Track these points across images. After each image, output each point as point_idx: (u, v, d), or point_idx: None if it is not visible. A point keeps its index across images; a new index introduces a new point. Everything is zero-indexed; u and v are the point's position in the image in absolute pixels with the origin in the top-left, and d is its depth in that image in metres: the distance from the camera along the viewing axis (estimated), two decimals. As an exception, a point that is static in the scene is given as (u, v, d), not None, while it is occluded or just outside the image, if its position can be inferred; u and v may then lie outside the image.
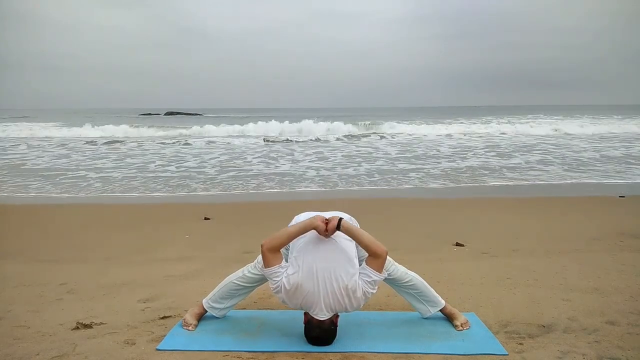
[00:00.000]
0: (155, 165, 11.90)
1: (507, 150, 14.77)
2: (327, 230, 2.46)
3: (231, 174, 10.47)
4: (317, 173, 10.47)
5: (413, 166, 11.40)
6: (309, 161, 12.66)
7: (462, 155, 13.39)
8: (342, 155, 13.79)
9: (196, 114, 62.61)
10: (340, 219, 2.48)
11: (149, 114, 68.07)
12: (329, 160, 12.86)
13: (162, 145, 17.32)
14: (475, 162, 11.94)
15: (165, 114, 63.40)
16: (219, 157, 13.55)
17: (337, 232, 2.49)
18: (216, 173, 10.61)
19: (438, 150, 14.92)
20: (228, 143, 17.84)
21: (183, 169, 11.29)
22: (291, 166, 11.66)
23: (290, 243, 2.56)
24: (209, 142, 18.43)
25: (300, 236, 2.52)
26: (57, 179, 9.76)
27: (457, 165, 11.40)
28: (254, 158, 13.36)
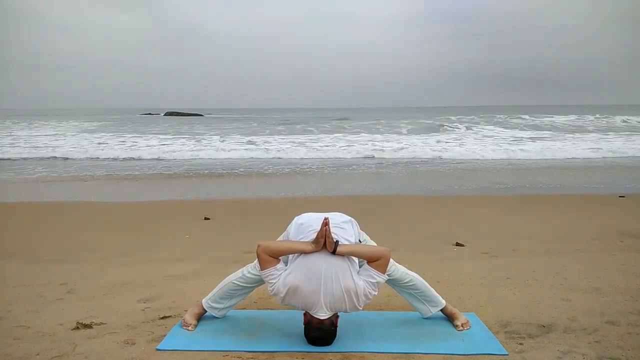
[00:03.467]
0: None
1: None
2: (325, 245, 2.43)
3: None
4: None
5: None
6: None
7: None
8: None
9: (197, 114, 62.48)
10: (336, 244, 2.41)
11: (149, 114, 68.16)
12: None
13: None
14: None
15: (165, 114, 63.33)
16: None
17: (337, 231, 2.48)
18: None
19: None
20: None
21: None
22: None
23: None
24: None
25: (301, 236, 2.52)
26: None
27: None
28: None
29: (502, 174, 10.62)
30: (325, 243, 2.39)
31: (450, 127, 26.50)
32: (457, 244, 4.70)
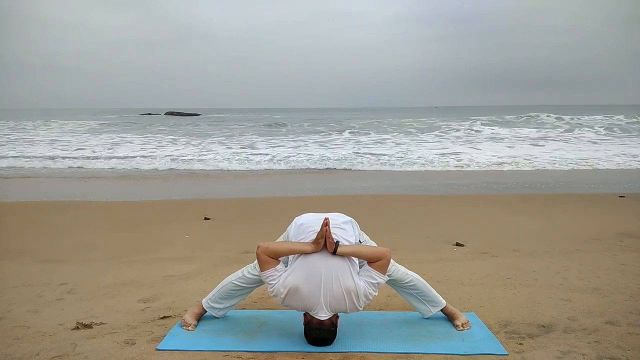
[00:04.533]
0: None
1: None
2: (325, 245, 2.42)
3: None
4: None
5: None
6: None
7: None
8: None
9: (195, 114, 63.19)
10: (337, 244, 2.40)
11: (149, 114, 68.70)
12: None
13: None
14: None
15: (165, 114, 63.82)
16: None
17: (337, 232, 2.48)
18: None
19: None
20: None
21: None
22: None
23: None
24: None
25: (301, 237, 2.52)
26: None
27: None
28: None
29: (504, 174, 10.61)
30: (325, 243, 2.39)
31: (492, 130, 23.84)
32: (457, 244, 4.70)
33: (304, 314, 2.49)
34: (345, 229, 2.56)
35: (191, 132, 25.87)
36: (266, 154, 14.61)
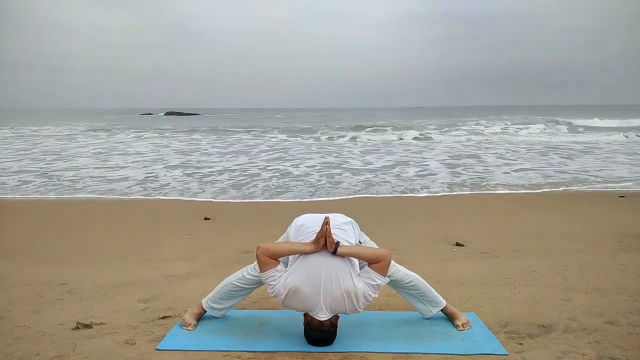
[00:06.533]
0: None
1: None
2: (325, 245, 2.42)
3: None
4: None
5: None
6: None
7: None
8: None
9: (195, 114, 63.69)
10: (337, 245, 2.40)
11: (149, 114, 69.06)
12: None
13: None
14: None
15: (165, 114, 64.13)
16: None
17: (337, 232, 2.48)
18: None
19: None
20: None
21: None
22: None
23: None
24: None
25: (301, 237, 2.52)
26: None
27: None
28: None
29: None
30: (325, 243, 2.39)
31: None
32: (457, 244, 4.70)
33: (304, 314, 2.49)
34: (345, 230, 2.56)
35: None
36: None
